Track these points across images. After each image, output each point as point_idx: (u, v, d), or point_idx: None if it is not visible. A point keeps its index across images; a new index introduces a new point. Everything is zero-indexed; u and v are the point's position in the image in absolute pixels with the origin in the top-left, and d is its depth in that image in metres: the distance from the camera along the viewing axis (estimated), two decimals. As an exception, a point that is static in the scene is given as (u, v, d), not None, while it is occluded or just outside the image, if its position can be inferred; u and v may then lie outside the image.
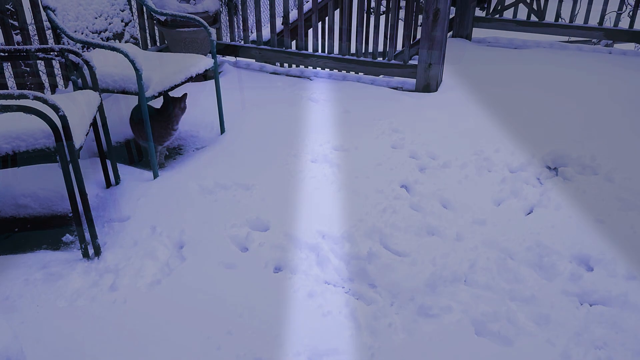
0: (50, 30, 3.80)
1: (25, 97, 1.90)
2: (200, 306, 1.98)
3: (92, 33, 2.89)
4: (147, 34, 4.17)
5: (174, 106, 2.83)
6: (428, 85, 3.88)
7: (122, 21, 3.07)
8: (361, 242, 2.31)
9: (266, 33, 4.76)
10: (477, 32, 5.15)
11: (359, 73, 4.20)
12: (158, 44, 4.31)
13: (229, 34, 4.44)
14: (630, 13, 4.73)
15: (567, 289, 2.08)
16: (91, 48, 2.86)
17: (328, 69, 4.24)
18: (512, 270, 2.16)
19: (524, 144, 3.12)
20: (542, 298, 2.03)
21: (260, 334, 1.87)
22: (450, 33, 5.14)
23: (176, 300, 2.00)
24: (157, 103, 2.95)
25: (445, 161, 2.94)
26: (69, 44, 2.73)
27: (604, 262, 2.20)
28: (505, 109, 3.59)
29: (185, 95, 2.88)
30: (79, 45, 2.78)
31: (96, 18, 2.91)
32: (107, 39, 2.99)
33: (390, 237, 2.35)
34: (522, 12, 5.02)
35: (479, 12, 5.19)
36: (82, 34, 2.82)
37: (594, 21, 4.76)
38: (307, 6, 4.87)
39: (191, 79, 2.85)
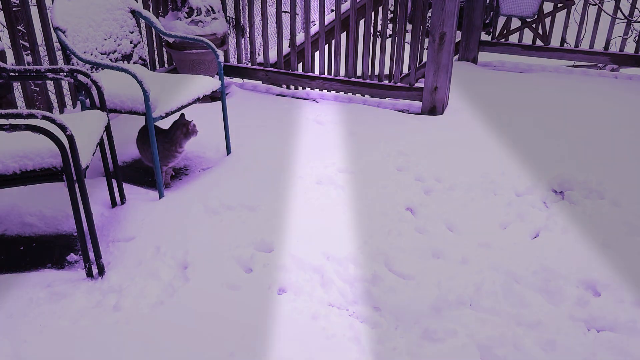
0: (60, 51, 3.85)
1: (33, 116, 1.92)
2: (203, 327, 1.97)
3: (101, 54, 2.92)
4: (156, 56, 4.22)
5: (180, 128, 2.84)
6: (434, 108, 3.89)
7: (130, 43, 3.11)
8: (366, 264, 2.30)
9: (273, 55, 4.81)
10: (483, 56, 5.18)
11: (365, 95, 4.22)
12: (166, 65, 4.36)
13: (236, 56, 4.49)
14: (636, 38, 4.75)
15: (574, 314, 2.06)
16: (100, 69, 2.89)
17: (334, 91, 4.27)
18: (518, 295, 2.14)
19: (530, 168, 3.11)
20: (549, 323, 2.01)
21: (264, 357, 1.85)
22: (456, 56, 5.17)
23: (179, 321, 1.99)
24: (165, 124, 2.97)
25: (450, 184, 2.94)
26: (78, 64, 2.76)
27: (611, 287, 2.18)
28: (511, 132, 3.59)
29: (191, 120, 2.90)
30: (88, 65, 2.81)
31: (105, 39, 2.95)
32: (116, 60, 3.02)
33: (395, 259, 2.34)
34: (528, 37, 5.05)
35: (484, 36, 5.23)
36: (91, 55, 2.85)
37: (599, 46, 4.78)
38: (314, 29, 4.92)
39: (198, 100, 2.87)
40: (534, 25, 4.97)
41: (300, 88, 4.51)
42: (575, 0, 4.81)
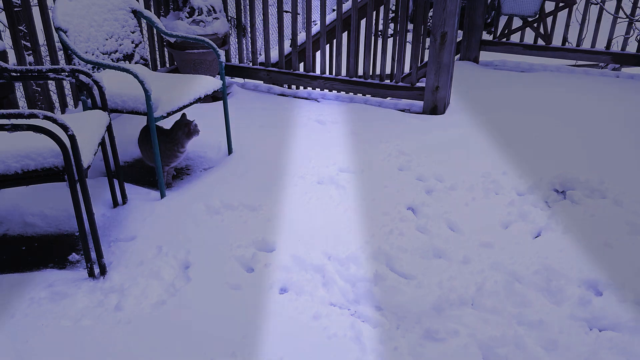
0: (61, 51, 3.85)
1: (35, 116, 1.92)
2: (204, 327, 1.97)
3: (103, 54, 2.93)
4: (157, 56, 4.22)
5: (181, 128, 2.84)
6: (435, 108, 3.89)
7: (132, 42, 3.11)
8: (367, 264, 2.30)
9: (274, 55, 4.81)
10: (485, 56, 5.18)
11: (367, 95, 4.22)
12: (168, 65, 4.36)
13: (237, 56, 4.49)
14: (638, 37, 4.74)
15: (576, 314, 2.06)
16: (101, 69, 2.89)
17: (335, 91, 4.27)
18: (519, 294, 2.14)
19: (531, 167, 3.11)
20: (550, 323, 2.01)
21: (265, 356, 1.86)
22: (458, 56, 5.17)
23: (180, 321, 1.99)
24: (166, 124, 2.97)
25: (452, 184, 2.94)
26: (79, 64, 2.76)
27: (613, 286, 2.18)
28: (512, 132, 3.59)
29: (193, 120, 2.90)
30: (89, 65, 2.81)
31: (107, 39, 2.95)
32: (118, 60, 3.02)
33: (397, 259, 2.34)
34: (529, 36, 5.04)
35: (486, 36, 5.22)
36: (92, 55, 2.86)
37: (601, 45, 4.78)
38: (315, 29, 4.92)
39: (200, 100, 2.88)
40: (535, 25, 4.96)
41: (301, 88, 4.51)
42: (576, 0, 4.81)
